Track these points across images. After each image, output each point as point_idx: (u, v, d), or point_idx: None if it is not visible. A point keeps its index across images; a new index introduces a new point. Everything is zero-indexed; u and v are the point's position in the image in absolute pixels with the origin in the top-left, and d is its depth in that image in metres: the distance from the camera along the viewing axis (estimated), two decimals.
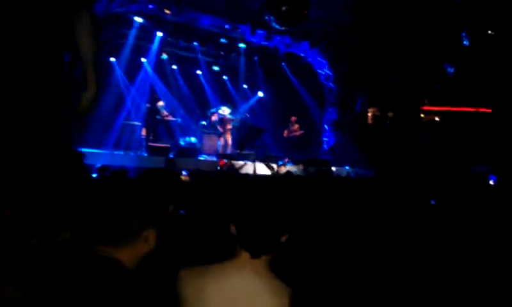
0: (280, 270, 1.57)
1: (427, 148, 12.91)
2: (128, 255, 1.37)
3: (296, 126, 13.02)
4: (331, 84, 14.22)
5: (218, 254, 1.60)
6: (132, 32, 11.74)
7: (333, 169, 10.50)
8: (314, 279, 1.96)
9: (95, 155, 8.63)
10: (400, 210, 3.45)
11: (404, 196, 4.29)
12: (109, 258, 1.33)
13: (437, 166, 11.32)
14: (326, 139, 14.47)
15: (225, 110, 11.75)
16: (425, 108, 14.40)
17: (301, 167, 10.16)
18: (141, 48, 12.60)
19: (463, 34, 11.62)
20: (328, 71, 14.11)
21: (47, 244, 1.67)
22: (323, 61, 13.91)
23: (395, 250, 2.52)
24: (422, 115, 14.46)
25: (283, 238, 1.57)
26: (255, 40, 12.73)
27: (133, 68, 12.62)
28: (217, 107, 12.11)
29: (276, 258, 1.59)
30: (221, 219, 1.84)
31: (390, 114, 14.50)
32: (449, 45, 12.14)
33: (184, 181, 4.13)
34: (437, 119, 14.47)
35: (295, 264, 1.90)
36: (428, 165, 11.44)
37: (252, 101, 14.90)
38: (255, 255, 1.53)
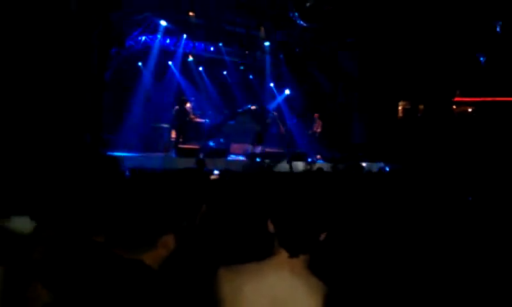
0: (318, 270, 1.53)
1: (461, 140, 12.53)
2: (148, 259, 1.37)
3: (319, 122, 12.95)
4: (359, 78, 14.01)
5: (256, 252, 1.57)
6: (158, 36, 11.89)
7: (364, 164, 10.33)
8: (353, 278, 1.91)
9: (126, 158, 8.77)
10: (437, 206, 3.34)
11: (440, 192, 4.16)
12: (131, 259, 1.32)
13: (472, 160, 10.96)
14: (355, 134, 14.28)
15: None
16: (457, 99, 14.00)
17: (330, 164, 10.05)
18: (167, 51, 12.75)
19: (496, 20, 11.23)
20: (355, 65, 13.91)
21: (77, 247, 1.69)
22: (350, 55, 13.72)
23: (435, 247, 2.43)
24: (453, 106, 14.08)
25: (322, 237, 1.53)
26: (279, 38, 12.68)
27: (160, 72, 12.79)
28: (245, 107, 12.10)
29: (315, 257, 1.55)
30: (259, 217, 1.81)
31: (421, 106, 14.19)
32: (481, 33, 11.74)
33: (214, 180, 4.12)
34: (470, 110, 14.05)
35: (334, 263, 1.85)
36: (463, 160, 11.09)
37: (279, 99, 14.83)
38: (293, 254, 1.50)
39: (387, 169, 10.35)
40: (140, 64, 12.48)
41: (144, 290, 1.28)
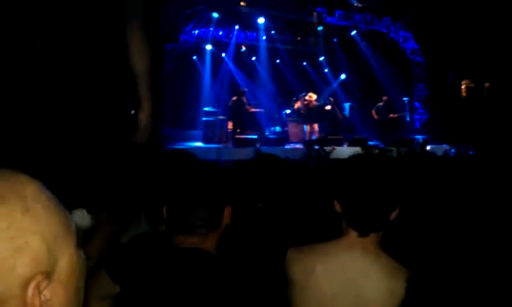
0: (391, 249, 1.47)
1: None
2: (211, 240, 1.35)
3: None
4: (418, 58, 13.40)
5: (325, 233, 1.53)
6: (211, 29, 12.03)
7: (428, 147, 9.91)
8: (431, 260, 1.82)
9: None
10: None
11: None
12: (197, 249, 1.30)
13: None
14: (417, 116, 13.70)
15: (312, 97, 11.55)
16: None
17: (393, 148, 9.71)
18: (221, 43, 12.89)
19: None
20: (414, 45, 13.32)
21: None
22: (408, 34, 13.14)
23: None
24: None
25: (394, 215, 1.47)
26: (333, 21, 12.39)
27: (214, 64, 12.97)
28: (303, 94, 11.97)
29: (387, 236, 1.49)
30: (325, 197, 1.77)
31: (486, 84, 13.35)
32: None
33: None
34: None
35: (408, 243, 1.77)
36: None
37: (335, 84, 14.56)
38: (362, 233, 1.45)
39: (453, 151, 9.86)
40: (195, 58, 12.71)
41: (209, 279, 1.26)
